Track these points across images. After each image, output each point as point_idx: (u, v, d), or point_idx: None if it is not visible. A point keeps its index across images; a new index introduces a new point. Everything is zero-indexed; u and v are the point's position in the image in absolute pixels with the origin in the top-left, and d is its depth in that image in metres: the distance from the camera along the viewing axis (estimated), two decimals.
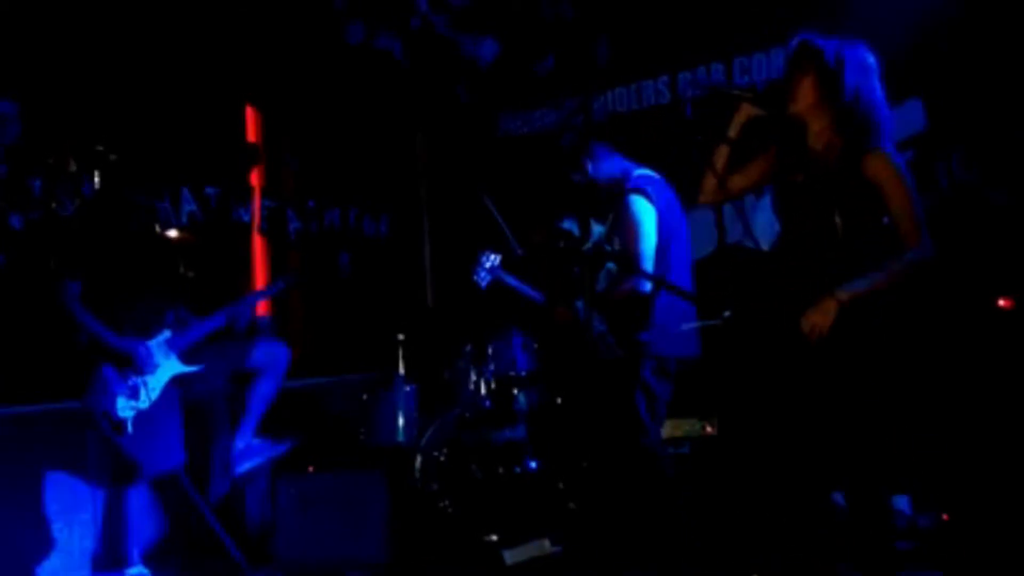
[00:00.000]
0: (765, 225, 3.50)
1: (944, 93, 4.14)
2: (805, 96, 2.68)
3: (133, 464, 3.65)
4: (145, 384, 3.63)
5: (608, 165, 3.71)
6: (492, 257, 4.08)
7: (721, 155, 2.83)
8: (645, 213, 3.43)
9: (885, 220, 2.66)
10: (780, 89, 2.75)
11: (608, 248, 3.61)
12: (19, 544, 3.80)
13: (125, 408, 3.60)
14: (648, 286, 3.37)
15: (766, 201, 3.66)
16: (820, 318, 2.57)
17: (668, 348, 3.40)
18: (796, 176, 2.75)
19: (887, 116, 2.68)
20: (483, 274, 4.08)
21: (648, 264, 3.41)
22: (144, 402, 3.62)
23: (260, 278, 5.29)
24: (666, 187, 3.57)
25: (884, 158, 2.62)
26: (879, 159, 2.61)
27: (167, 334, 3.74)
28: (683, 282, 3.48)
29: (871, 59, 2.70)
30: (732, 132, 2.80)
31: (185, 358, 3.76)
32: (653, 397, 3.39)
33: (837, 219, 2.61)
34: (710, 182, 2.87)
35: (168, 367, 3.72)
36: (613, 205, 3.63)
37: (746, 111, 2.79)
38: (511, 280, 4.06)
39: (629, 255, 3.42)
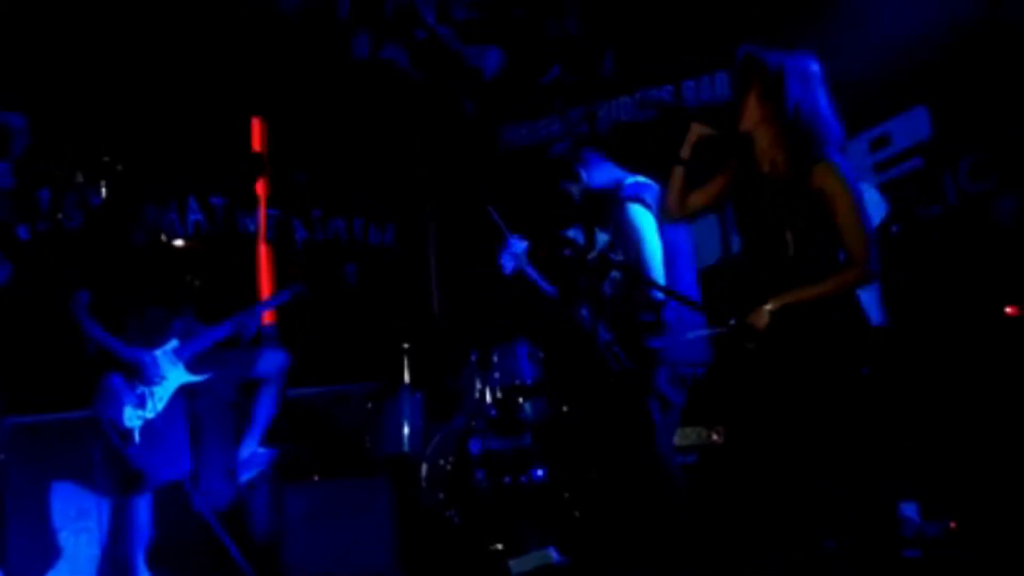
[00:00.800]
0: None
1: (950, 101, 4.14)
2: (751, 113, 2.69)
3: (139, 473, 3.66)
4: (152, 394, 3.64)
5: (600, 173, 3.71)
6: (521, 243, 3.99)
7: (676, 176, 2.87)
8: (644, 220, 3.42)
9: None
10: (730, 107, 2.76)
11: (613, 258, 3.60)
12: (27, 552, 3.81)
13: (132, 417, 3.61)
14: (659, 294, 3.37)
15: None
16: (750, 324, 2.61)
17: (681, 354, 3.39)
18: (747, 194, 2.76)
19: (833, 125, 2.66)
20: (508, 259, 3.98)
21: (656, 272, 3.41)
22: (151, 412, 3.64)
23: (266, 288, 5.30)
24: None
25: (830, 169, 2.60)
26: (825, 170, 2.60)
27: (174, 343, 3.75)
28: (690, 290, 3.48)
29: (814, 67, 2.68)
30: (684, 152, 2.83)
31: (192, 367, 3.77)
32: (668, 404, 3.38)
33: (787, 235, 2.62)
34: (669, 200, 2.91)
35: (175, 376, 3.73)
36: (610, 215, 3.63)
37: (696, 131, 2.81)
38: (532, 271, 3.99)
39: (635, 265, 3.42)
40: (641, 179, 3.59)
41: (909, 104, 4.22)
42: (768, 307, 2.61)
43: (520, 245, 3.92)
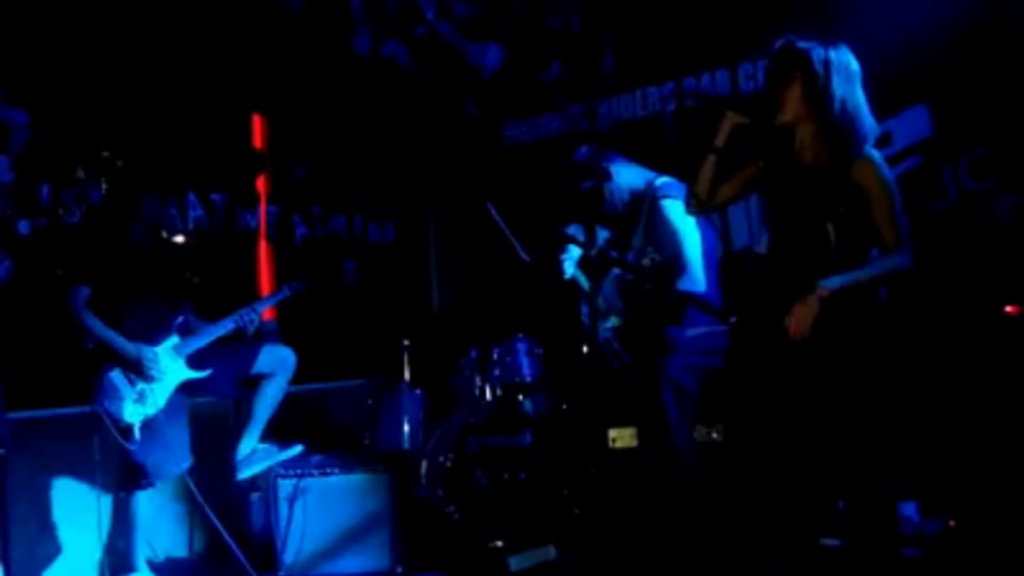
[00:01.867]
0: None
1: (951, 99, 4.14)
2: (793, 106, 2.68)
3: (140, 469, 3.66)
4: (153, 390, 3.64)
5: (629, 174, 3.73)
6: (577, 249, 3.99)
7: (708, 165, 2.84)
8: (683, 217, 3.43)
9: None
10: (766, 97, 2.74)
11: (640, 259, 3.60)
12: (28, 548, 3.81)
13: (133, 413, 3.61)
14: (702, 284, 3.38)
15: None
16: (801, 312, 2.59)
17: (696, 344, 3.41)
18: (785, 186, 2.75)
19: (871, 121, 2.69)
20: (568, 263, 4.01)
21: (697, 266, 3.42)
22: (151, 408, 3.63)
23: (266, 284, 5.30)
24: None
25: (872, 166, 2.64)
26: (867, 166, 2.63)
27: (175, 340, 3.75)
28: (711, 287, 3.50)
29: (855, 65, 2.70)
30: (719, 141, 2.80)
31: (192, 364, 3.77)
32: (684, 394, 3.39)
33: (829, 228, 2.63)
34: (699, 190, 2.87)
35: (176, 373, 3.73)
36: (640, 215, 3.64)
37: (732, 120, 2.79)
38: (581, 277, 4.00)
39: (677, 261, 3.43)
40: (670, 179, 3.61)
41: (910, 102, 4.22)
42: (822, 292, 2.57)
43: (577, 250, 3.96)
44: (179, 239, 4.20)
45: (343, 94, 5.59)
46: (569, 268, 3.98)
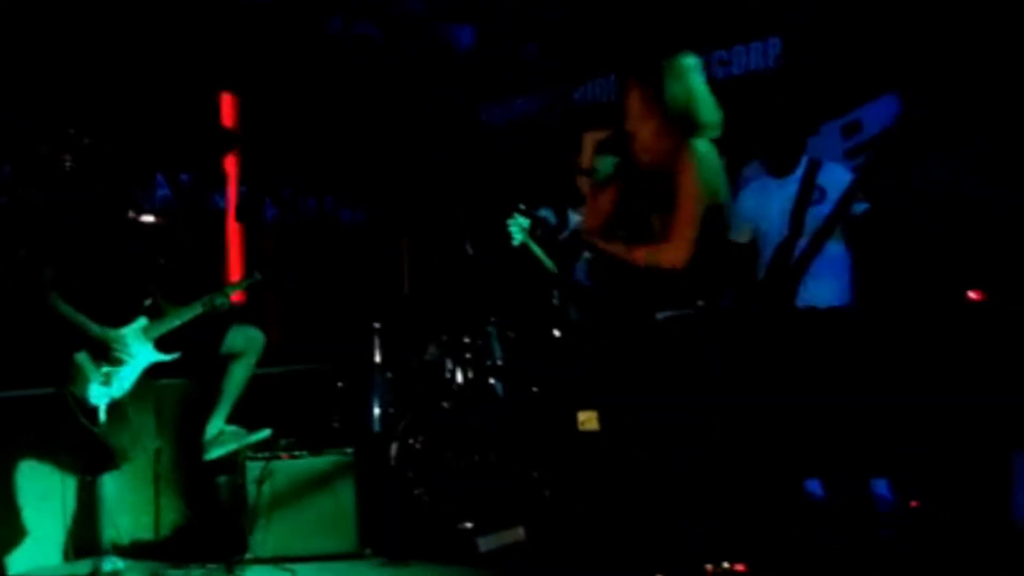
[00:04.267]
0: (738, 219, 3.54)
1: (919, 88, 4.18)
2: (633, 111, 2.82)
3: (106, 451, 3.63)
4: (119, 372, 3.61)
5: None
6: (526, 218, 3.99)
7: (584, 185, 2.93)
8: None
9: None
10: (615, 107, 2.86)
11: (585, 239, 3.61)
12: None
13: (99, 395, 3.57)
14: None
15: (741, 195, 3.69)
16: None
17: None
18: (628, 187, 2.84)
19: (709, 114, 2.79)
20: (516, 230, 4.00)
21: None
22: (118, 390, 3.60)
23: (235, 265, 5.26)
24: None
25: (687, 153, 2.76)
26: (684, 154, 2.76)
27: (143, 322, 3.71)
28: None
29: (691, 59, 2.83)
30: (584, 162, 2.89)
31: (160, 346, 3.73)
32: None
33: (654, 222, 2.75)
34: (591, 223, 2.96)
35: (143, 355, 3.69)
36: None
37: (590, 139, 2.88)
38: (535, 246, 4.00)
39: None
40: None
41: (880, 92, 4.27)
42: None
43: (526, 221, 3.93)
44: (147, 218, 4.15)
45: (316, 74, 5.54)
46: (517, 235, 3.96)
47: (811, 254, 3.33)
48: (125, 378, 3.63)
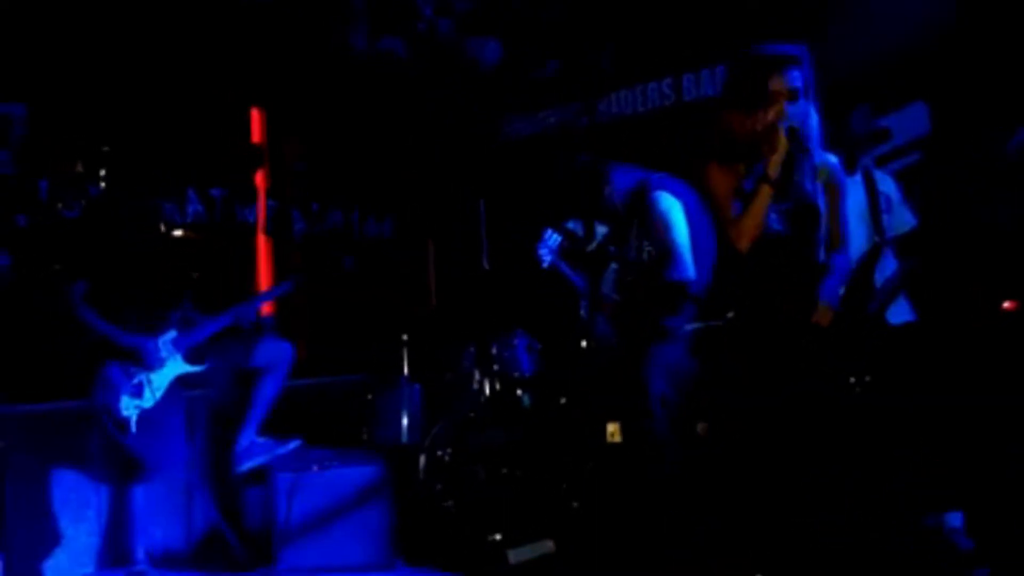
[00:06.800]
0: None
1: (949, 96, 4.15)
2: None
3: (137, 462, 3.66)
4: (150, 383, 3.65)
5: (626, 177, 3.74)
6: (554, 236, 4.00)
7: (764, 197, 2.76)
8: (671, 206, 3.46)
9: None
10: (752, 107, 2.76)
11: (639, 255, 3.62)
12: (27, 540, 3.82)
13: (129, 407, 3.61)
14: (691, 272, 3.39)
15: None
16: (819, 321, 2.71)
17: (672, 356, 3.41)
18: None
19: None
20: (546, 252, 4.02)
21: (686, 255, 3.43)
22: (148, 401, 3.64)
23: (265, 278, 5.31)
24: (688, 189, 3.59)
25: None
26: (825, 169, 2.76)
27: (173, 334, 3.76)
28: (704, 280, 3.50)
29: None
30: (772, 172, 2.75)
31: (190, 357, 3.78)
32: (674, 386, 3.39)
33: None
34: (752, 227, 2.80)
35: (173, 366, 3.73)
36: (638, 210, 3.65)
37: (783, 144, 2.75)
38: (564, 265, 4.02)
39: (666, 251, 3.45)
40: (666, 175, 3.63)
41: (909, 99, 4.24)
42: (827, 304, 2.69)
43: (555, 238, 3.96)
44: (178, 233, 4.21)
45: (342, 89, 5.59)
46: (547, 257, 3.99)
47: (885, 306, 3.35)
48: (155, 388, 3.66)
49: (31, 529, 3.84)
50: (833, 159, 2.88)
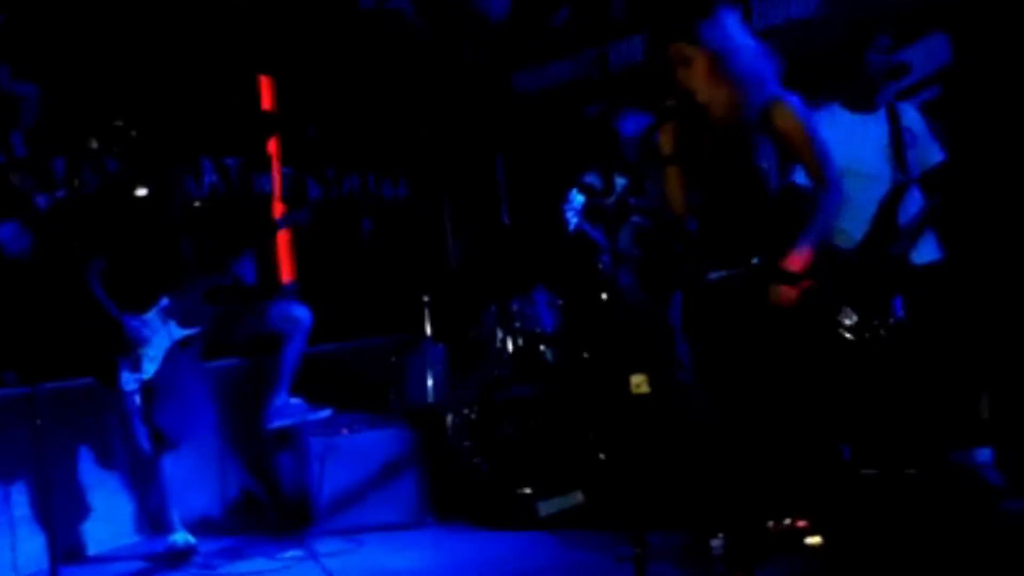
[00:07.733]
0: None
1: (970, 26, 4.03)
2: (702, 84, 2.69)
3: (156, 433, 3.69)
4: (145, 353, 3.64)
5: (636, 126, 3.69)
6: (578, 197, 3.94)
7: (674, 176, 2.80)
8: None
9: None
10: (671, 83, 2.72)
11: (632, 202, 3.59)
12: (68, 513, 3.90)
13: (129, 381, 3.61)
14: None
15: None
16: (787, 291, 2.62)
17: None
18: (708, 153, 2.73)
19: (766, 65, 2.70)
20: (572, 214, 3.97)
21: None
22: (147, 372, 3.63)
23: (283, 247, 5.32)
24: None
25: (781, 106, 2.66)
26: (777, 109, 2.65)
27: (164, 302, 3.72)
28: None
29: (731, 19, 2.73)
30: (666, 149, 2.78)
31: (184, 320, 3.74)
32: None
33: (759, 176, 2.66)
34: (676, 206, 2.83)
35: (167, 333, 3.69)
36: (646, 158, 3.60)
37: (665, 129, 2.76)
38: (588, 226, 3.97)
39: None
40: None
41: (928, 30, 4.12)
42: (804, 251, 2.60)
43: (580, 199, 3.91)
44: (195, 204, 4.20)
45: (350, 51, 5.53)
46: (573, 219, 3.94)
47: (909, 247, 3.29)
48: (153, 358, 3.64)
49: (71, 503, 3.93)
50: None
